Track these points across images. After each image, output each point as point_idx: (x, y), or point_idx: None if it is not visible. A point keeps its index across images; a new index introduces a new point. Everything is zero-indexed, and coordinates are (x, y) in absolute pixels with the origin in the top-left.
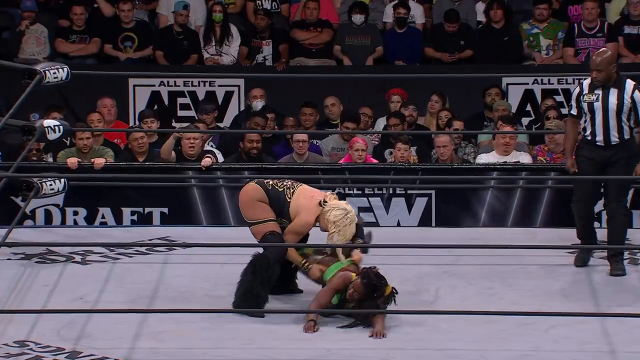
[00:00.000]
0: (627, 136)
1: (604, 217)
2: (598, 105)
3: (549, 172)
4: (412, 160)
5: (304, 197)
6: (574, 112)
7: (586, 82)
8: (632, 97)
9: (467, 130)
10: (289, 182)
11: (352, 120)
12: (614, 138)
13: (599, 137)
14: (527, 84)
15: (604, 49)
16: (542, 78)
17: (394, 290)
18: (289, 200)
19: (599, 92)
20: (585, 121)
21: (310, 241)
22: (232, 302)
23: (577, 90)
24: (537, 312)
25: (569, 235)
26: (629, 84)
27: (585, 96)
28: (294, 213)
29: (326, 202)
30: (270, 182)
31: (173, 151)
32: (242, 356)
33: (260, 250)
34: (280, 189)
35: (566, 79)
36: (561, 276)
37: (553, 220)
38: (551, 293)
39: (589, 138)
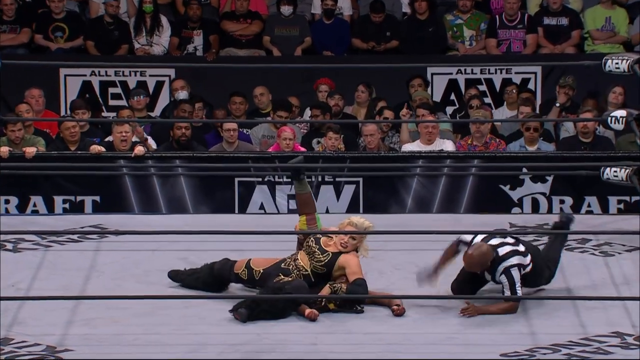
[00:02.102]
0: None
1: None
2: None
3: (472, 160)
4: (340, 148)
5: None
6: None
7: None
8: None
9: (396, 120)
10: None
11: (284, 109)
12: None
13: None
14: (451, 73)
15: (482, 245)
16: (466, 68)
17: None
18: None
19: None
20: None
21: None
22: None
23: None
24: (461, 296)
25: (492, 220)
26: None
27: None
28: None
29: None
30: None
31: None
32: (173, 341)
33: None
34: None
35: (489, 69)
36: None
37: (476, 206)
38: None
39: None
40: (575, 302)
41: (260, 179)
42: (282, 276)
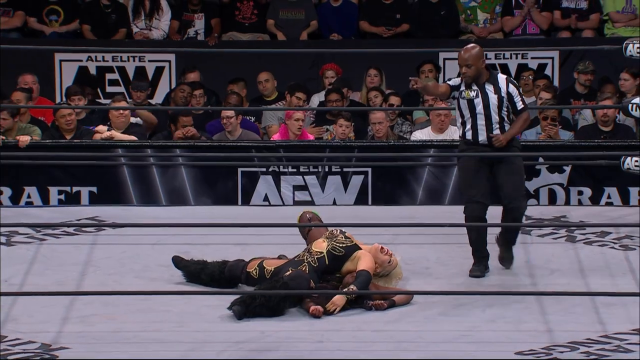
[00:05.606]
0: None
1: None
2: (479, 102)
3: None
4: (351, 136)
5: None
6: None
7: (459, 79)
8: (507, 92)
9: (405, 107)
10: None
11: (303, 91)
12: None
13: (482, 137)
14: None
15: (471, 44)
16: None
17: None
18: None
19: (476, 88)
20: (464, 121)
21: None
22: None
23: (458, 80)
24: (474, 291)
25: None
26: (501, 78)
27: (464, 92)
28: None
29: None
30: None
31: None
32: (173, 339)
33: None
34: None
35: (503, 54)
36: (498, 254)
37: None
38: (489, 271)
39: (471, 139)
40: (594, 298)
41: (264, 169)
42: (291, 270)
